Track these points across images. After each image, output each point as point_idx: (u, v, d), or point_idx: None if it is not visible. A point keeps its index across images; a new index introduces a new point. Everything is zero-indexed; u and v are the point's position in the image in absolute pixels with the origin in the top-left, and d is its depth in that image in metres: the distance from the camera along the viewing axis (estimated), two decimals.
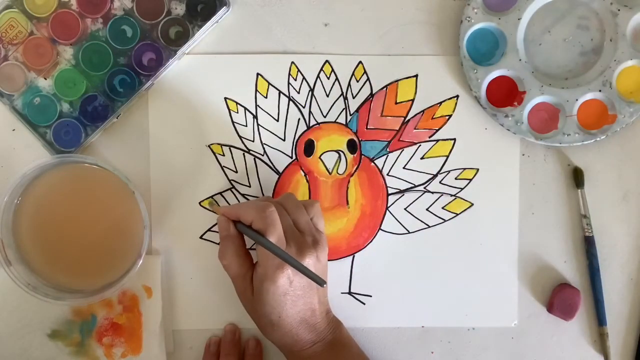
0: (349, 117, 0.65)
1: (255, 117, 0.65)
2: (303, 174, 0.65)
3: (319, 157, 0.65)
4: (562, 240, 0.66)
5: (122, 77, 0.63)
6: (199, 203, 0.65)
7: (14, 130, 0.64)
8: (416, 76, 0.65)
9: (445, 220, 0.66)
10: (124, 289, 0.64)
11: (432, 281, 0.66)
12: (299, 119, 0.65)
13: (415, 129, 0.65)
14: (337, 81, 0.65)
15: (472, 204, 0.65)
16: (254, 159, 0.65)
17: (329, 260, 0.65)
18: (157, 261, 0.64)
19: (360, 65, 0.65)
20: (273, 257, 0.54)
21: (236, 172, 0.65)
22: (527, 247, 0.65)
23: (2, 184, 0.62)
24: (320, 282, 0.53)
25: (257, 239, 0.55)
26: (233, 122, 0.65)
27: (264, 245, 0.54)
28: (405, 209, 0.65)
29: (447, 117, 0.65)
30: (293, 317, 0.56)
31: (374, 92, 0.65)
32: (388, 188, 0.65)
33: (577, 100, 0.63)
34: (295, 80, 0.65)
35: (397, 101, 0.65)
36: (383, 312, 0.66)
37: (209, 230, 0.65)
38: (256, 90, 0.65)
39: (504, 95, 0.64)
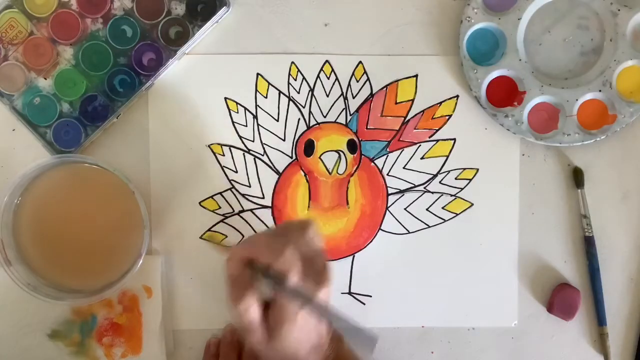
0: (349, 117, 0.65)
1: (255, 117, 0.65)
2: (303, 174, 0.65)
3: (319, 157, 0.65)
4: (562, 240, 0.66)
5: (122, 77, 0.63)
6: (199, 203, 0.65)
7: (14, 130, 0.64)
8: (416, 76, 0.65)
9: (445, 220, 0.66)
10: (124, 289, 0.64)
11: (432, 281, 0.66)
12: (299, 119, 0.65)
13: (415, 129, 0.65)
14: (337, 81, 0.65)
15: (472, 204, 0.65)
16: (254, 159, 0.65)
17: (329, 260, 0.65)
18: (157, 261, 0.64)
19: (360, 65, 0.65)
20: (293, 298, 0.51)
21: (236, 172, 0.65)
22: (527, 247, 0.65)
23: (2, 184, 0.62)
24: (373, 341, 0.48)
25: (280, 285, 0.50)
26: (233, 122, 0.65)
27: (291, 292, 0.50)
28: (405, 209, 0.65)
29: (447, 117, 0.65)
30: (305, 346, 0.54)
31: (374, 92, 0.65)
32: (388, 188, 0.65)
33: (577, 100, 0.63)
34: (295, 80, 0.65)
35: (397, 101, 0.65)
36: (383, 312, 0.66)
37: (209, 230, 0.65)
38: (256, 90, 0.65)
39: (504, 95, 0.64)
